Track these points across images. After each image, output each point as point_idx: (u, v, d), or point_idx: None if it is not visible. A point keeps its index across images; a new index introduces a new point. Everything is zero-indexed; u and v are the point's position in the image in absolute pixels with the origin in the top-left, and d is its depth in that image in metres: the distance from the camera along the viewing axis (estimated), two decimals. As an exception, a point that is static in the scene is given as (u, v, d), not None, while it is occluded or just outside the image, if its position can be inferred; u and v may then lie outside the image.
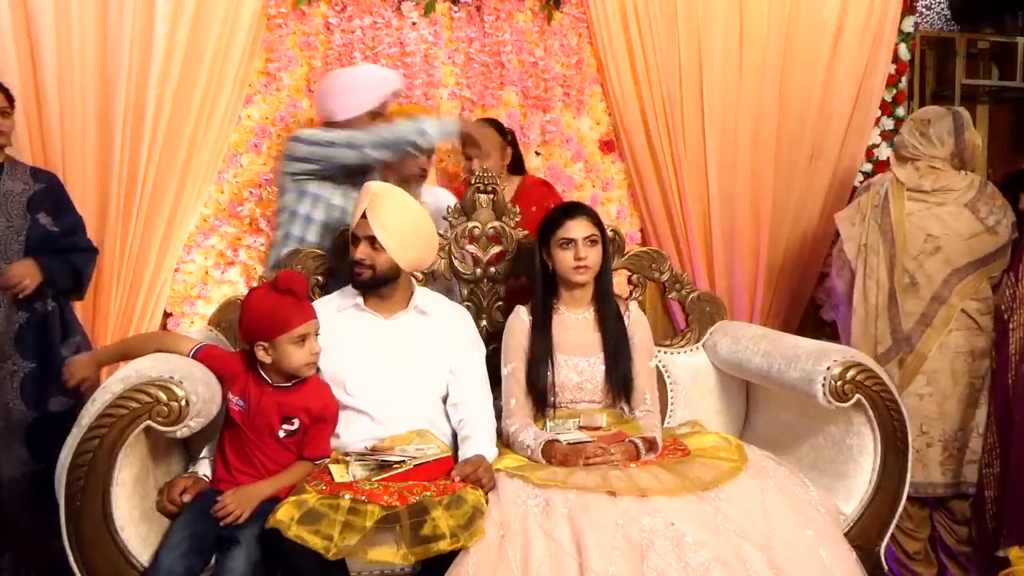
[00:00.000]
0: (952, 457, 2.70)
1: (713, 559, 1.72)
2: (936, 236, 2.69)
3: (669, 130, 3.45)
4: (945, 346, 2.68)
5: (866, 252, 2.79)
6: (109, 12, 2.93)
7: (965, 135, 2.73)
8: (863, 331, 2.77)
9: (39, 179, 2.61)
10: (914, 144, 2.76)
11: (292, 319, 1.97)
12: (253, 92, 3.23)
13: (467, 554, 1.78)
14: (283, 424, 2.00)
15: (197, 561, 1.80)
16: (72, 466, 1.79)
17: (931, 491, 2.72)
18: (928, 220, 2.71)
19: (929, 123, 2.75)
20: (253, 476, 1.97)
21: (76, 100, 2.92)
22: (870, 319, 2.76)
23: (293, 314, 1.97)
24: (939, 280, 2.67)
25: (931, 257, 2.68)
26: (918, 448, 2.69)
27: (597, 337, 2.32)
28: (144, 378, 1.85)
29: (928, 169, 2.73)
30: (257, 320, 1.98)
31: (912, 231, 2.71)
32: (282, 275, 2.02)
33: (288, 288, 1.97)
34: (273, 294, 1.99)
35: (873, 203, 2.81)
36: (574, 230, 2.26)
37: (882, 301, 2.74)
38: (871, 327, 2.75)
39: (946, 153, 2.73)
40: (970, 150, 2.75)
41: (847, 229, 2.88)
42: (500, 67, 3.38)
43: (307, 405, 2.02)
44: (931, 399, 2.69)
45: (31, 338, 2.49)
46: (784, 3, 3.47)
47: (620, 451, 2.08)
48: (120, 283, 3.01)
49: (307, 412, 2.02)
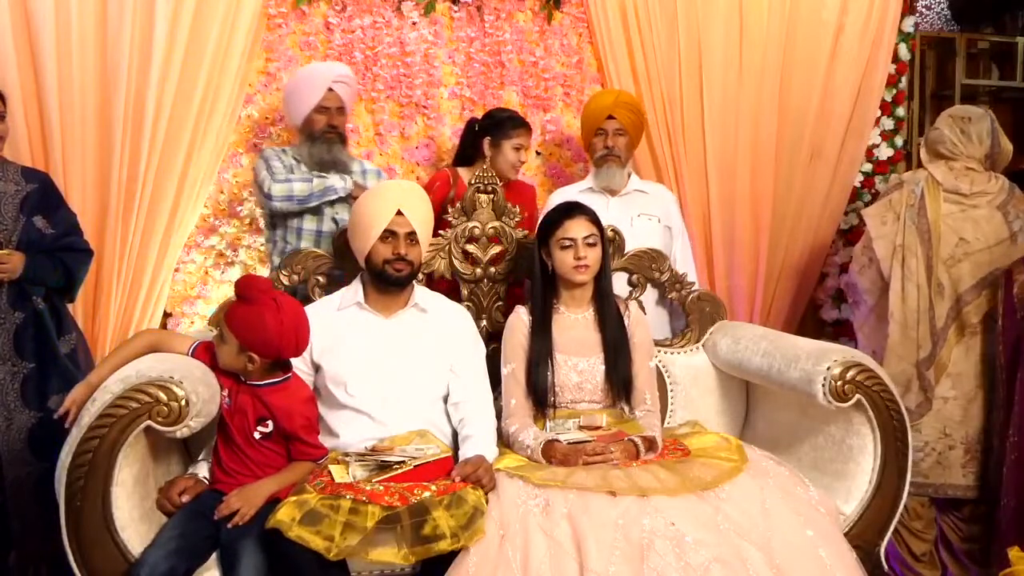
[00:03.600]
0: (974, 460, 2.68)
1: (713, 559, 1.72)
2: (967, 241, 2.65)
3: (669, 130, 3.45)
4: (971, 349, 2.66)
5: (903, 253, 2.70)
6: (109, 12, 2.93)
7: (999, 137, 2.72)
8: (902, 335, 2.69)
9: (31, 180, 2.57)
10: (954, 140, 2.71)
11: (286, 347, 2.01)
12: (253, 92, 3.23)
13: (467, 554, 1.78)
14: (258, 425, 1.98)
15: (182, 562, 1.79)
16: (72, 466, 1.79)
17: (951, 493, 2.70)
18: (963, 223, 2.67)
19: (970, 120, 2.71)
20: (248, 477, 1.96)
21: (76, 100, 2.92)
22: (910, 323, 2.68)
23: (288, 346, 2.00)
24: (962, 288, 2.66)
25: (960, 263, 2.66)
26: (940, 451, 2.68)
27: (597, 337, 2.32)
28: (144, 378, 1.85)
29: (964, 170, 2.70)
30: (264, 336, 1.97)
31: (947, 233, 2.67)
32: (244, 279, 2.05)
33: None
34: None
35: (908, 202, 2.73)
36: (573, 230, 2.26)
37: (923, 305, 2.68)
38: (911, 331, 2.68)
39: (982, 153, 2.70)
40: (1004, 153, 2.74)
41: (878, 227, 2.78)
42: (500, 67, 3.38)
43: (275, 410, 1.98)
44: (955, 402, 2.67)
45: (28, 338, 2.49)
46: (784, 3, 3.47)
47: (620, 450, 2.08)
48: (120, 283, 3.01)
49: (274, 417, 1.98)
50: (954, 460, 2.68)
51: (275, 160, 2.76)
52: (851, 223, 3.68)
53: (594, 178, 2.98)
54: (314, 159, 2.77)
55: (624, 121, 2.91)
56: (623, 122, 2.91)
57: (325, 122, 2.78)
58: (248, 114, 3.22)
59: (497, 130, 2.95)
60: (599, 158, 2.94)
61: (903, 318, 2.70)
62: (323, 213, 2.78)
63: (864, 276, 2.86)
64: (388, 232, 2.19)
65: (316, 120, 2.78)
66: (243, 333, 1.94)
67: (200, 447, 2.14)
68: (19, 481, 2.45)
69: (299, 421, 2.00)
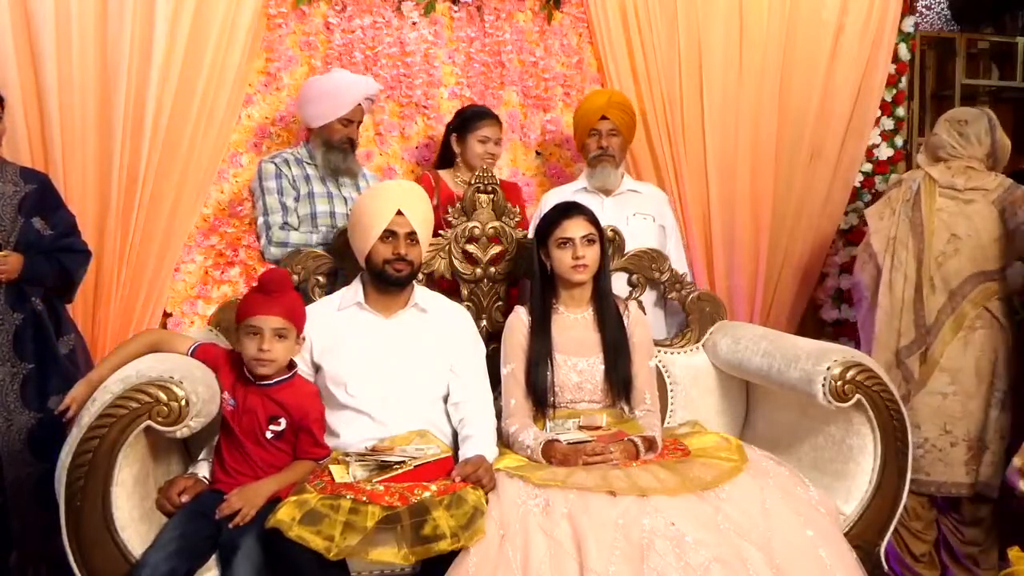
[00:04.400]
0: (976, 457, 2.68)
1: (713, 559, 1.72)
2: (959, 237, 2.67)
3: (669, 130, 3.45)
4: (970, 344, 2.66)
5: (894, 245, 2.76)
6: (109, 12, 2.93)
7: (998, 134, 2.73)
8: (887, 324, 2.74)
9: (30, 180, 2.57)
10: (952, 144, 2.74)
11: (249, 309, 1.99)
12: (253, 92, 3.23)
13: (467, 554, 1.78)
14: (270, 425, 1.99)
15: (183, 563, 1.79)
16: (72, 466, 1.79)
17: (955, 491, 2.69)
18: (956, 218, 2.69)
19: (966, 123, 2.74)
20: (250, 477, 1.96)
21: (76, 100, 2.92)
22: (895, 312, 2.73)
23: (253, 305, 1.99)
24: (954, 284, 2.67)
25: (950, 260, 2.68)
26: (941, 447, 2.68)
27: (596, 337, 2.32)
28: (144, 378, 1.85)
29: (962, 169, 2.72)
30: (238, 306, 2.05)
31: (939, 228, 2.69)
32: (267, 271, 2.09)
33: (260, 281, 2.03)
34: (253, 287, 2.05)
35: (904, 198, 2.78)
36: (571, 229, 2.26)
37: (908, 295, 2.72)
38: (895, 320, 2.73)
39: (983, 153, 2.72)
40: (1003, 150, 2.75)
41: (875, 222, 2.85)
42: (500, 67, 3.38)
43: (289, 408, 2.01)
44: (955, 398, 2.67)
45: (28, 339, 2.49)
46: (784, 3, 3.47)
47: (620, 450, 2.08)
48: (120, 283, 3.01)
49: (290, 415, 2.01)
50: (956, 457, 2.68)
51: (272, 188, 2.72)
52: (851, 223, 3.68)
53: (588, 178, 2.98)
54: (330, 166, 2.77)
55: (617, 121, 2.92)
56: (616, 122, 2.91)
57: (346, 133, 2.78)
58: (248, 114, 3.22)
59: (462, 126, 2.98)
60: (593, 158, 2.94)
61: (889, 307, 2.75)
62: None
63: (865, 272, 2.89)
64: (388, 232, 2.19)
65: (337, 130, 2.77)
66: None
67: (200, 447, 2.14)
68: (19, 481, 2.45)
69: (313, 415, 2.05)
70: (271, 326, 1.97)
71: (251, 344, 1.97)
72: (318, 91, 2.81)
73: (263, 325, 1.97)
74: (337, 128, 2.77)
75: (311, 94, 2.81)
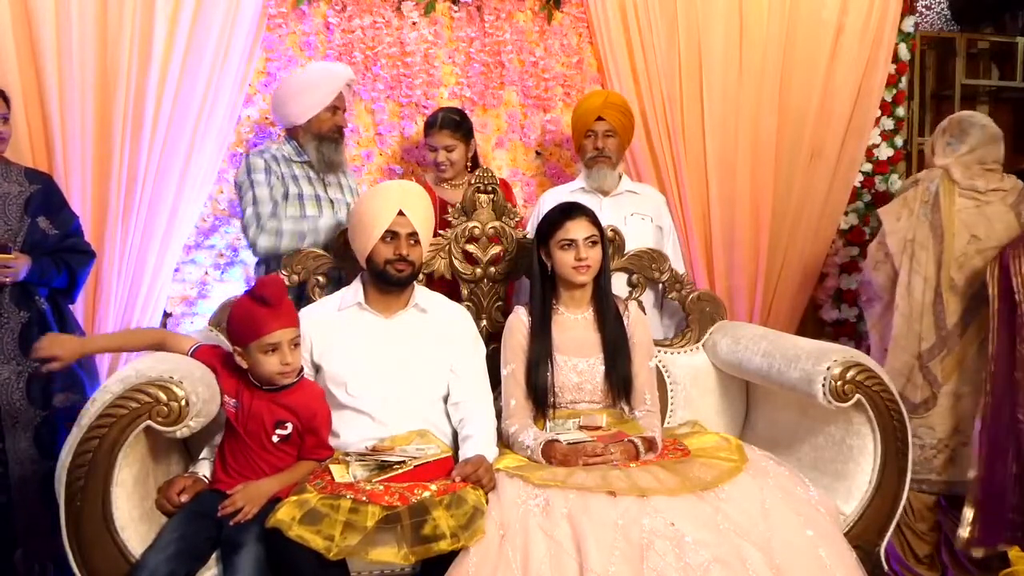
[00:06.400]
0: None
1: (713, 559, 1.72)
2: (979, 238, 2.67)
3: (669, 130, 3.45)
4: (984, 344, 2.64)
5: (913, 247, 2.73)
6: (109, 12, 2.93)
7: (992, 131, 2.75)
8: (907, 327, 2.72)
9: (34, 181, 2.59)
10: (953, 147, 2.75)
11: (262, 327, 1.94)
12: (253, 92, 3.23)
13: (467, 554, 1.78)
14: (276, 429, 1.99)
15: (182, 565, 1.78)
16: (72, 466, 1.78)
17: (963, 489, 2.67)
18: (976, 218, 2.68)
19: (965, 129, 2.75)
20: (252, 478, 1.96)
21: (76, 100, 2.92)
22: (914, 315, 2.71)
23: (264, 322, 1.94)
24: (976, 285, 2.65)
25: (972, 260, 2.67)
26: (953, 447, 2.68)
27: (596, 337, 2.32)
28: (144, 378, 1.85)
29: (981, 171, 2.72)
30: (234, 325, 1.99)
31: (960, 229, 2.69)
32: (259, 281, 2.01)
33: (261, 295, 1.95)
34: (250, 300, 1.98)
35: (923, 199, 2.76)
36: (574, 231, 2.26)
37: (928, 298, 2.70)
38: (915, 323, 2.71)
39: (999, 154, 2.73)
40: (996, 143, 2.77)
41: (891, 223, 2.82)
42: (500, 67, 3.38)
43: (298, 411, 2.01)
44: (969, 398, 2.66)
45: (33, 337, 2.49)
46: (784, 3, 3.47)
47: (620, 451, 2.08)
48: (120, 283, 3.01)
49: (298, 418, 2.01)
50: (967, 457, 2.67)
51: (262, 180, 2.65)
52: (851, 223, 3.68)
53: (586, 179, 2.98)
54: (324, 160, 2.75)
55: (614, 122, 2.92)
56: (613, 124, 2.91)
57: (334, 121, 2.77)
58: (248, 114, 3.22)
59: (425, 131, 3.01)
60: (589, 159, 2.94)
61: (908, 310, 2.72)
62: None
63: (879, 272, 2.86)
64: (390, 232, 2.19)
65: (326, 119, 2.75)
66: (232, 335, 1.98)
67: (200, 447, 2.14)
68: (24, 479, 2.46)
69: (320, 417, 2.06)
70: (288, 338, 1.97)
71: (271, 360, 1.95)
72: (298, 86, 2.77)
73: (281, 339, 1.95)
74: (326, 118, 2.75)
75: (291, 91, 2.76)
